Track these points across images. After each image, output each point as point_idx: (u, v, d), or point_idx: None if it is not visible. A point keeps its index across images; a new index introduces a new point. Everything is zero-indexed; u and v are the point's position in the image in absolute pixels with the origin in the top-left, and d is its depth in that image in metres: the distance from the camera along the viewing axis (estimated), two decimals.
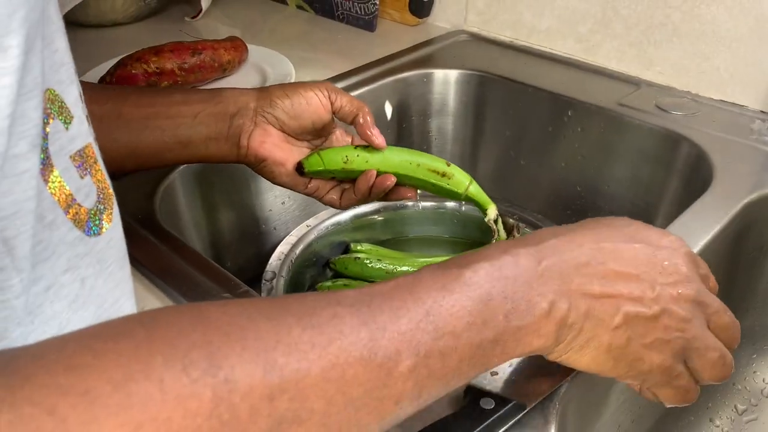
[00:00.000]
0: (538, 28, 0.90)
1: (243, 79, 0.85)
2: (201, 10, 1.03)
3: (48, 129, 0.30)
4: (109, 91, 0.58)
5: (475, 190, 0.59)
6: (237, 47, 0.83)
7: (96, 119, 0.37)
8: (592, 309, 0.34)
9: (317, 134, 0.58)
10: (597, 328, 0.34)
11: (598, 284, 0.34)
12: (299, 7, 1.09)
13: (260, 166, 0.57)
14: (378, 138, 0.56)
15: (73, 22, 0.98)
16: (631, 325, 0.35)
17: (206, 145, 0.55)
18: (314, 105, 0.55)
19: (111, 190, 0.35)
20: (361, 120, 0.56)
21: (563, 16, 0.86)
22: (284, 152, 0.56)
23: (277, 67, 0.85)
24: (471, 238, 0.78)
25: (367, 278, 0.71)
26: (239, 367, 0.24)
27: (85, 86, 0.39)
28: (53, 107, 0.31)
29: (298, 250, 0.70)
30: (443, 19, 1.00)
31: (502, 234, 0.76)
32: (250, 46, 0.88)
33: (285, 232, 0.76)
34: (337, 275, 0.73)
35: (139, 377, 0.22)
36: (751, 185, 0.62)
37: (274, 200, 0.78)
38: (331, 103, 0.56)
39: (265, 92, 0.56)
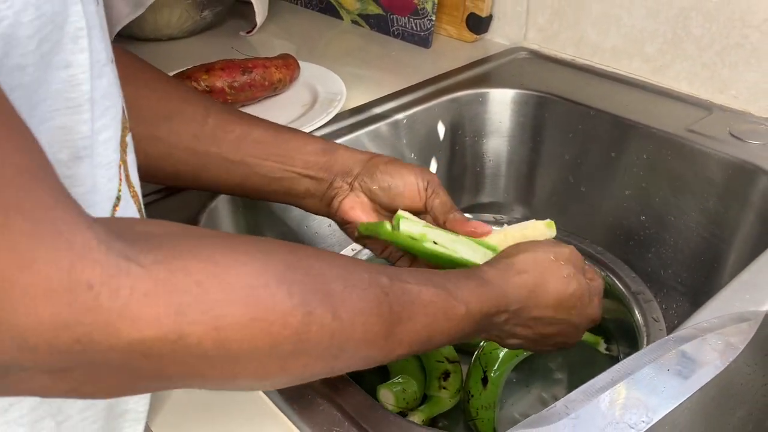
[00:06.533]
0: (602, 46, 0.85)
1: (293, 98, 0.83)
2: (256, 25, 1.02)
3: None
4: (240, 113, 0.59)
5: None
6: (289, 65, 0.82)
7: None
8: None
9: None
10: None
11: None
12: (354, 22, 1.07)
13: (345, 227, 0.59)
14: (478, 228, 0.55)
15: (128, 36, 0.98)
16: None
17: (303, 197, 0.58)
18: (410, 192, 0.56)
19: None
20: (454, 220, 0.56)
21: (630, 35, 0.82)
22: (371, 219, 0.57)
23: (329, 86, 0.82)
24: None
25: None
26: (320, 308, 0.33)
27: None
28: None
29: None
30: (502, 35, 0.96)
31: None
32: (302, 64, 0.86)
33: None
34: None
35: (260, 288, 0.31)
36: None
37: (321, 222, 0.76)
38: (427, 197, 0.56)
39: (372, 162, 0.57)
